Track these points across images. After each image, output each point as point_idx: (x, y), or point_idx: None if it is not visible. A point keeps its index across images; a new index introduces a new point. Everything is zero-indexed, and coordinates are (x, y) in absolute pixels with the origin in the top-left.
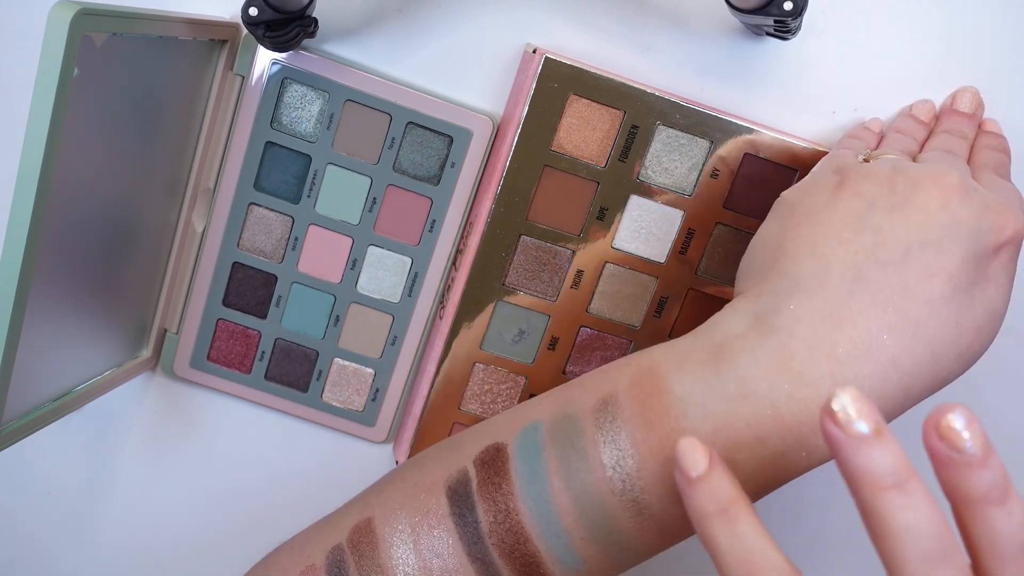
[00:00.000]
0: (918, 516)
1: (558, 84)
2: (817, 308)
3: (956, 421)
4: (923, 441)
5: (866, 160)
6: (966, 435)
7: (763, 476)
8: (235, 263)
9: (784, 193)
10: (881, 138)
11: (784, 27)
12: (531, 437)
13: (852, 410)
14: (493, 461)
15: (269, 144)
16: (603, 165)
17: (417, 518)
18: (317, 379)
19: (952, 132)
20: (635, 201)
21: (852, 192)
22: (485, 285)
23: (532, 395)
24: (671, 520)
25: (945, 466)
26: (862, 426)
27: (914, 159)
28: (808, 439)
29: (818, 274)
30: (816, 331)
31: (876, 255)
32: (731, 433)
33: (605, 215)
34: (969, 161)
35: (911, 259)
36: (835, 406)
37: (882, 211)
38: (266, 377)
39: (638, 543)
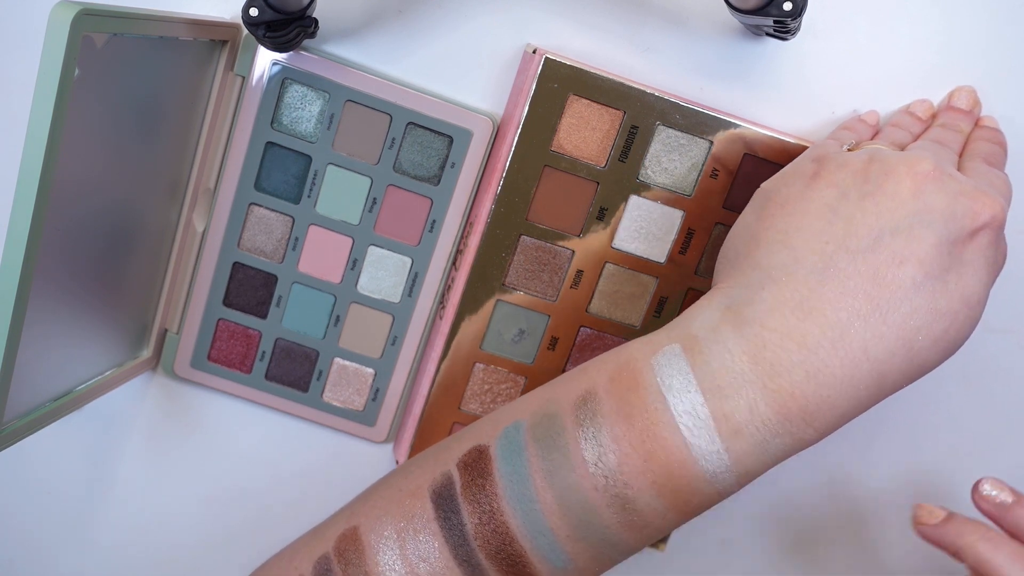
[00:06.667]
0: None
1: (558, 84)
2: (787, 298)
3: (988, 487)
4: (975, 506)
5: (850, 150)
6: (995, 493)
7: (743, 465)
8: (235, 263)
9: (763, 183)
10: (876, 132)
11: (784, 27)
12: (512, 437)
13: (995, 490)
14: (476, 463)
15: (269, 144)
16: (603, 165)
17: (402, 523)
18: (317, 379)
19: (947, 126)
20: (635, 201)
21: (826, 182)
22: (485, 285)
23: None
24: (653, 514)
25: (995, 518)
26: (1006, 496)
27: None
28: (784, 427)
29: (789, 264)
30: (787, 320)
31: (846, 243)
32: (710, 425)
33: (605, 215)
34: (962, 152)
35: (881, 246)
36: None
37: (854, 200)
38: (266, 377)
39: (623, 539)
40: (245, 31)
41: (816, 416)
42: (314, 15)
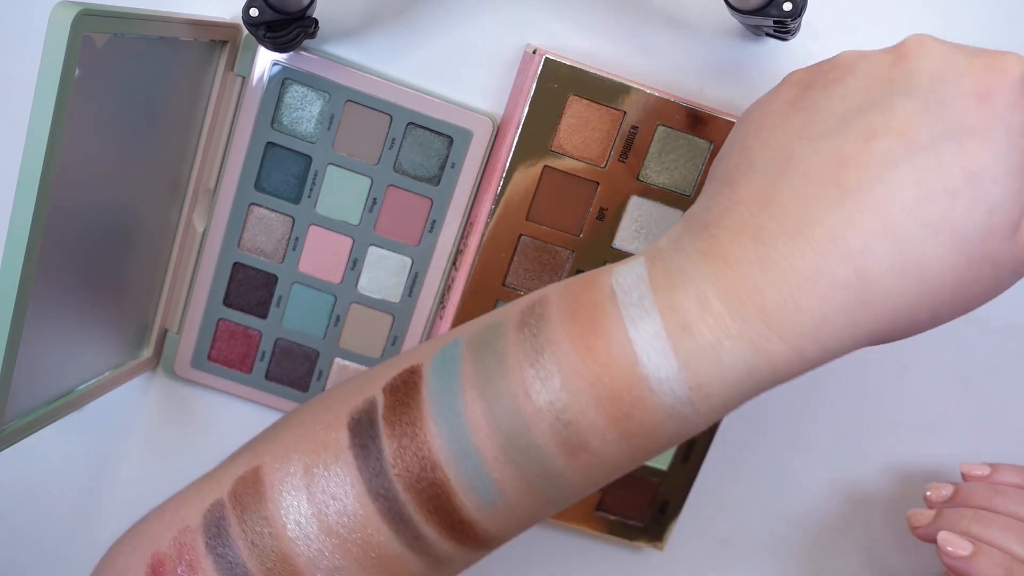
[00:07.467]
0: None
1: (558, 84)
2: (742, 196)
3: (930, 494)
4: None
5: None
6: (941, 493)
7: (695, 374)
8: (236, 263)
9: None
10: None
11: (784, 28)
12: (449, 352)
13: (934, 492)
14: (405, 384)
15: (270, 144)
16: (603, 165)
17: (312, 457)
18: (317, 379)
19: None
20: (635, 201)
21: (791, 81)
22: (485, 285)
23: None
24: (591, 430)
25: (955, 506)
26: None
27: None
28: (740, 327)
29: (744, 165)
30: (740, 216)
31: (807, 131)
32: (655, 318)
33: (605, 215)
34: None
35: (849, 124)
36: (947, 548)
37: (818, 88)
38: (267, 377)
39: (557, 465)
40: (245, 31)
41: (778, 318)
42: (314, 15)
